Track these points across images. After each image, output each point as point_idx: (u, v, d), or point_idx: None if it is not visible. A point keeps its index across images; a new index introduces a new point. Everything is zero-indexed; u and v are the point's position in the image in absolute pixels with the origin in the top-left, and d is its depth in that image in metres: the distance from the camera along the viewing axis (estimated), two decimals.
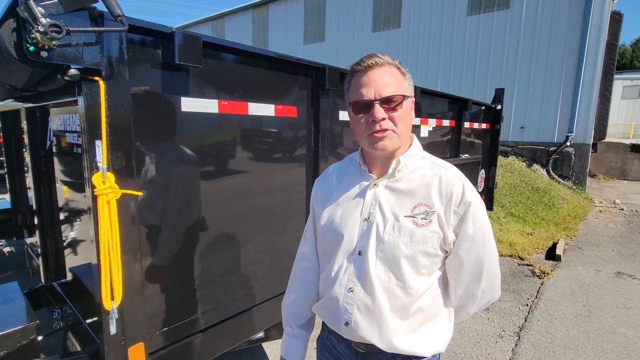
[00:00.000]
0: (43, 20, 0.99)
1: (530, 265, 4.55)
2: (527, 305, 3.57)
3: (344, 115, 2.27)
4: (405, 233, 0.99)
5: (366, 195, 1.05)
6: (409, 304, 1.02)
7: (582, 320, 3.28)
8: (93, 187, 1.21)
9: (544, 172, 9.20)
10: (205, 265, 1.68)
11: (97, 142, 1.22)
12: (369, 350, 1.07)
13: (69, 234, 1.99)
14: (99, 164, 1.22)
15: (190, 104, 1.51)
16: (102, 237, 1.22)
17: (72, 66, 1.13)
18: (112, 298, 1.27)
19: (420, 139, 3.21)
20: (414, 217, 0.99)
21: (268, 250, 1.99)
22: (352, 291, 1.04)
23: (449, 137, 3.77)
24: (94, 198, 1.22)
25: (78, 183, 1.71)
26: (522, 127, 9.78)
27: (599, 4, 8.44)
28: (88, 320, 1.73)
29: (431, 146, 3.42)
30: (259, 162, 1.86)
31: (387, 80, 0.96)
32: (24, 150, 2.66)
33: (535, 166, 9.33)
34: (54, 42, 1.03)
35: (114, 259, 1.25)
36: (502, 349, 2.87)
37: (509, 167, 8.48)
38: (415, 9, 11.26)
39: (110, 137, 1.24)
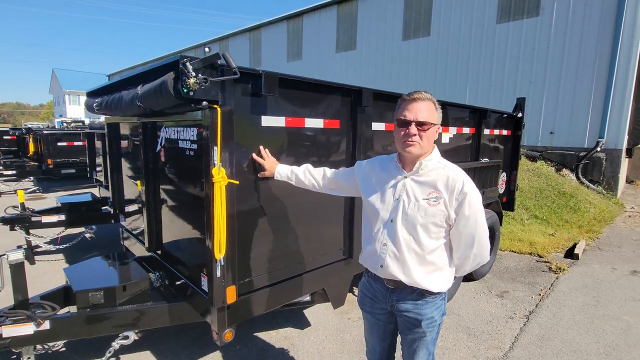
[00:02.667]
0: (194, 73, 1.64)
1: (548, 262, 4.88)
2: (540, 295, 3.96)
3: (375, 126, 2.84)
4: (422, 209, 1.54)
5: (398, 184, 1.62)
6: (422, 256, 1.58)
7: (589, 308, 3.64)
8: (211, 176, 1.85)
9: (573, 177, 9.27)
10: (275, 237, 2.30)
11: (214, 147, 1.86)
12: (396, 286, 1.65)
13: (167, 216, 2.68)
14: (215, 161, 1.86)
15: (267, 121, 2.14)
16: (216, 210, 1.86)
17: (203, 99, 1.78)
18: (220, 251, 1.90)
19: (442, 144, 3.72)
20: (428, 199, 1.55)
21: (316, 232, 2.58)
22: (385, 245, 1.62)
23: (470, 142, 4.23)
24: (211, 185, 1.86)
25: (185, 177, 2.38)
26: (551, 132, 9.88)
27: (632, 6, 8.49)
28: (183, 279, 2.39)
29: (454, 150, 3.91)
30: (311, 162, 2.46)
31: (424, 110, 1.52)
32: (121, 152, 3.41)
33: (565, 171, 9.40)
34: (199, 87, 1.67)
35: (222, 225, 1.88)
36: (511, 327, 3.31)
37: (536, 172, 8.65)
38: (445, 18, 11.62)
39: (221, 143, 1.88)
